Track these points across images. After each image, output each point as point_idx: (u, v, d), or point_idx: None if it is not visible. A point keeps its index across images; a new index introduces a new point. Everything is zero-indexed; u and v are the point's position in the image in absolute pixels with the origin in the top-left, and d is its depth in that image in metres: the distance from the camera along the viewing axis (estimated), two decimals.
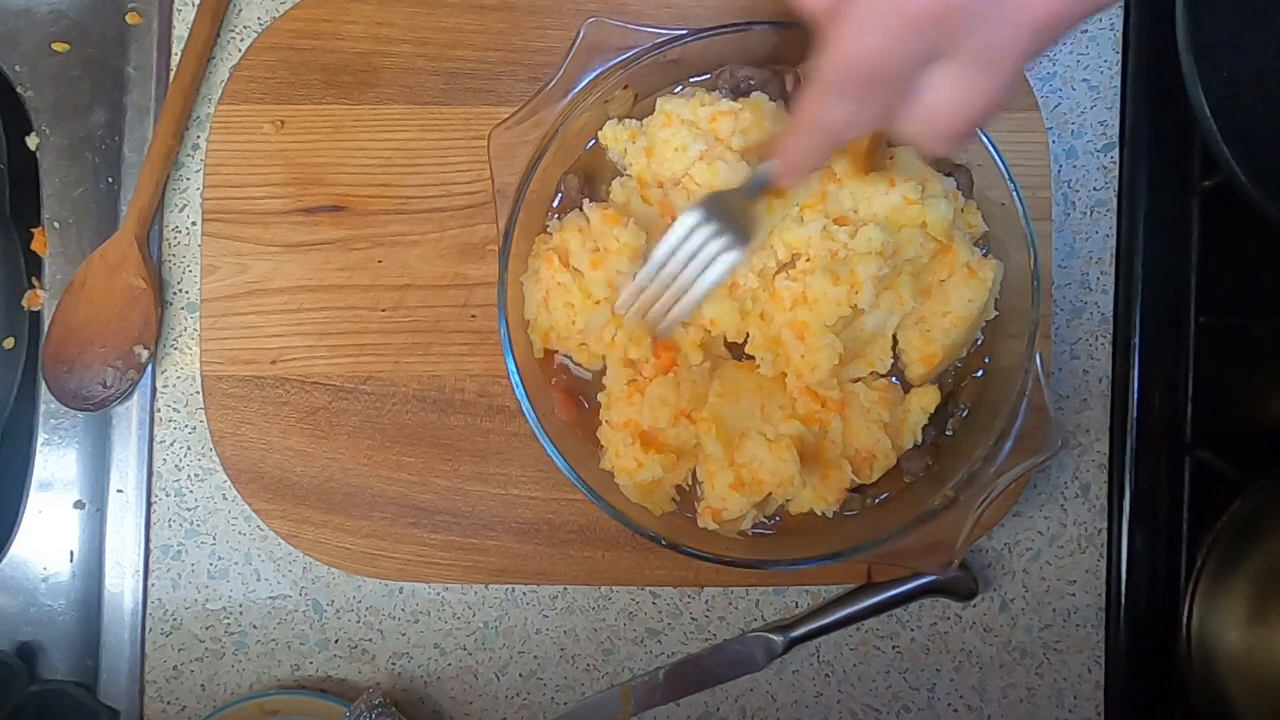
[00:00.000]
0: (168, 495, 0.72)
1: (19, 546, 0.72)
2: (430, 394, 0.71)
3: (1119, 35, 0.73)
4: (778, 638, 0.70)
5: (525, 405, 0.61)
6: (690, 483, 0.65)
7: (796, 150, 0.52)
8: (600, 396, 0.64)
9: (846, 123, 0.48)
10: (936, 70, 0.45)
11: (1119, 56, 0.73)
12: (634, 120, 0.66)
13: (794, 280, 0.61)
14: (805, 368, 0.61)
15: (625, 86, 0.65)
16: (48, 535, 0.72)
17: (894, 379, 0.65)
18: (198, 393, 0.71)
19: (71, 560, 0.72)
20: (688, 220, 0.58)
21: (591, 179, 0.67)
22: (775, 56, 0.66)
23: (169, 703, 0.72)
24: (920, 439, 0.64)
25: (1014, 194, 0.61)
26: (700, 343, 0.63)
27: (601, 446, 0.64)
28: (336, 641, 0.72)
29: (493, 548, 0.70)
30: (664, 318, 0.61)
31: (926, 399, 0.64)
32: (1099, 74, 0.73)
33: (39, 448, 0.73)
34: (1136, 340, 0.71)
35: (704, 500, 0.63)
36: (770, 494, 0.62)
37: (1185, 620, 0.66)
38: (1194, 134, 0.71)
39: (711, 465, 0.62)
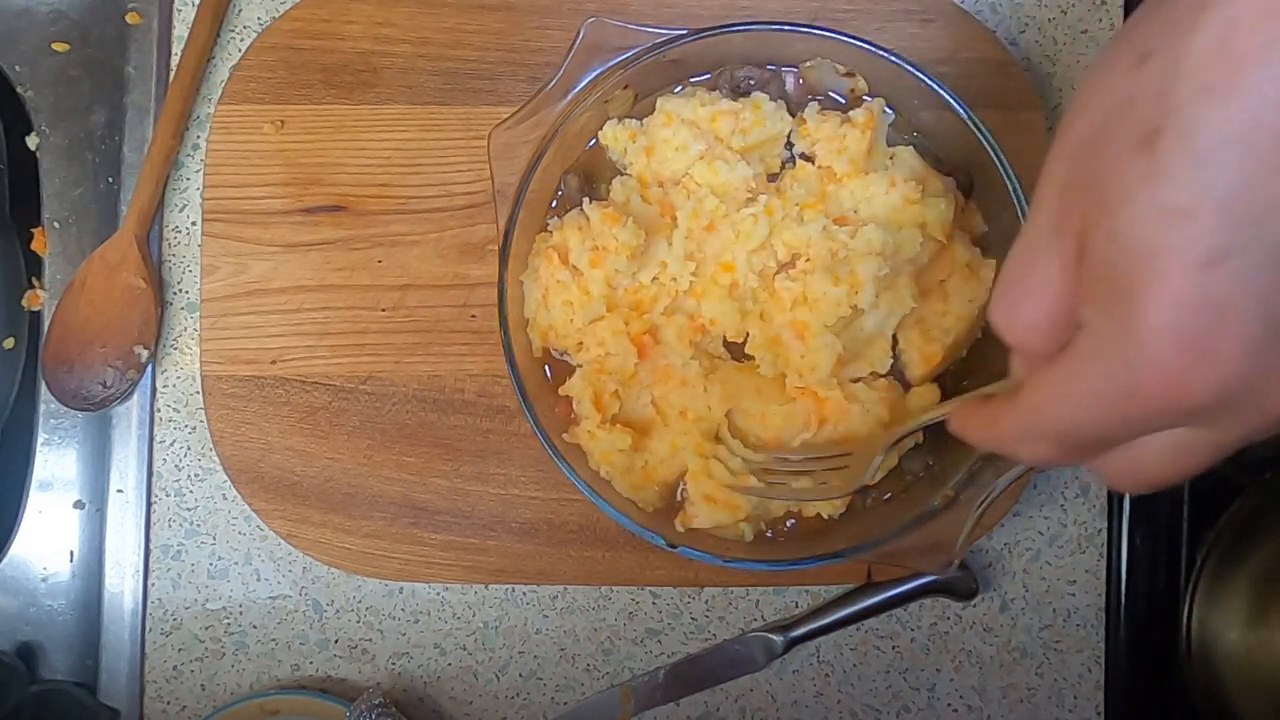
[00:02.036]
0: (168, 495, 0.72)
1: (19, 546, 0.72)
2: (430, 394, 0.71)
3: None
4: (778, 638, 0.70)
5: (525, 405, 0.61)
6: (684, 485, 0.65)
7: (971, 438, 0.46)
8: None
9: (1039, 461, 0.41)
10: (1157, 435, 0.38)
11: None
12: (634, 120, 0.66)
13: (794, 280, 0.61)
14: (805, 368, 0.61)
15: (625, 86, 0.65)
16: (48, 535, 0.72)
17: (893, 379, 0.65)
18: (198, 393, 0.71)
19: (71, 560, 0.72)
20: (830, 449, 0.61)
21: (591, 178, 0.66)
22: (775, 56, 0.66)
23: (169, 703, 0.72)
24: (920, 438, 0.64)
25: (1014, 194, 0.61)
26: (690, 339, 0.63)
27: (575, 418, 0.64)
28: (336, 641, 0.72)
29: (493, 548, 0.70)
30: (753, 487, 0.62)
31: (927, 397, 0.64)
32: None
33: (39, 448, 0.73)
34: None
35: (686, 501, 0.63)
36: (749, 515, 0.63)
37: (1185, 620, 0.66)
38: None
39: (693, 471, 0.63)
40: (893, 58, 0.62)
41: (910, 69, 0.62)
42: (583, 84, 0.63)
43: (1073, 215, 0.36)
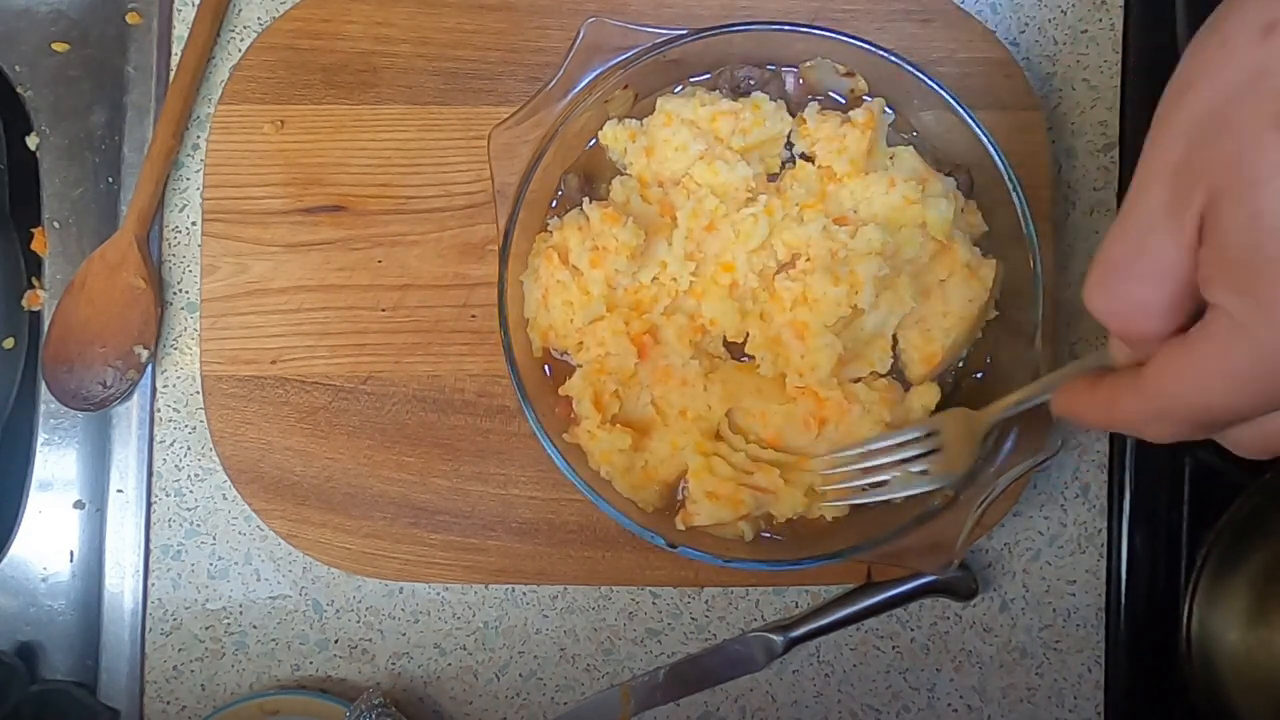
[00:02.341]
0: (168, 495, 0.72)
1: (19, 546, 0.72)
2: (430, 394, 0.71)
3: (1119, 35, 0.73)
4: (778, 638, 0.70)
5: (525, 405, 0.61)
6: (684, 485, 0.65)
7: (1084, 419, 0.46)
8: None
9: (1164, 439, 0.41)
10: None
11: (1119, 56, 0.73)
12: (634, 120, 0.66)
13: (794, 280, 0.61)
14: (805, 368, 0.61)
15: (625, 86, 0.65)
16: (48, 535, 0.72)
17: (893, 379, 0.65)
18: (198, 393, 0.71)
19: (71, 560, 0.72)
20: (912, 432, 0.60)
21: (591, 178, 0.67)
22: (775, 56, 0.66)
23: (169, 703, 0.72)
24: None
25: (1014, 194, 0.61)
26: (690, 339, 0.63)
27: (575, 418, 0.64)
28: (336, 641, 0.72)
29: (493, 548, 0.70)
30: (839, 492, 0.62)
31: (928, 396, 0.64)
32: (1099, 74, 0.73)
33: (39, 448, 0.72)
34: None
35: (687, 500, 0.63)
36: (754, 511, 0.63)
37: (1185, 620, 0.66)
38: None
39: (694, 469, 0.62)
40: (893, 58, 0.62)
41: (910, 69, 0.62)
42: (583, 84, 0.63)
43: (1193, 196, 0.35)
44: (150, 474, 0.72)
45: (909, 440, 0.60)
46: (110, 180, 0.73)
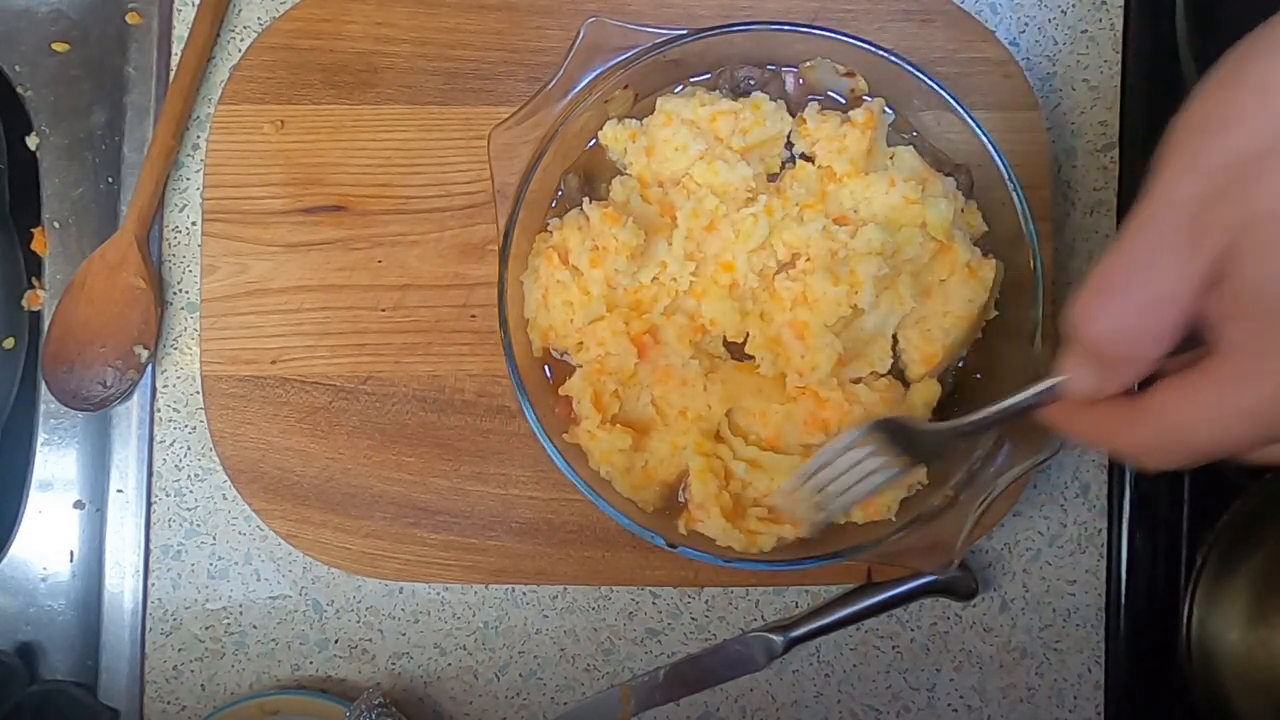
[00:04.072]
0: (168, 495, 0.72)
1: (19, 546, 0.72)
2: (430, 394, 0.71)
3: (1119, 35, 0.73)
4: (778, 638, 0.70)
5: (525, 405, 0.61)
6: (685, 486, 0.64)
7: (1079, 437, 0.46)
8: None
9: (1159, 466, 0.42)
10: None
11: (1119, 56, 0.73)
12: (634, 120, 0.66)
13: (794, 280, 0.61)
14: (805, 367, 0.61)
15: (625, 86, 0.65)
16: (48, 535, 0.72)
17: (893, 378, 0.65)
18: (198, 393, 0.71)
19: (71, 560, 0.72)
20: (858, 433, 0.56)
21: (591, 178, 0.66)
22: (775, 56, 0.66)
23: (169, 703, 0.72)
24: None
25: (1014, 194, 0.61)
26: (690, 339, 0.63)
27: (575, 418, 0.64)
28: (336, 641, 0.72)
29: (493, 548, 0.70)
30: (820, 510, 0.58)
31: (928, 393, 0.64)
32: (1099, 74, 0.73)
33: (39, 448, 0.73)
34: None
35: (690, 503, 0.63)
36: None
37: (1185, 620, 0.66)
38: None
39: (697, 473, 0.62)
40: (893, 58, 0.62)
41: (910, 69, 0.62)
42: (583, 84, 0.63)
43: (1213, 235, 0.35)
44: (150, 474, 0.72)
45: (848, 447, 0.57)
46: (110, 180, 0.73)
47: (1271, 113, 0.34)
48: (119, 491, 0.72)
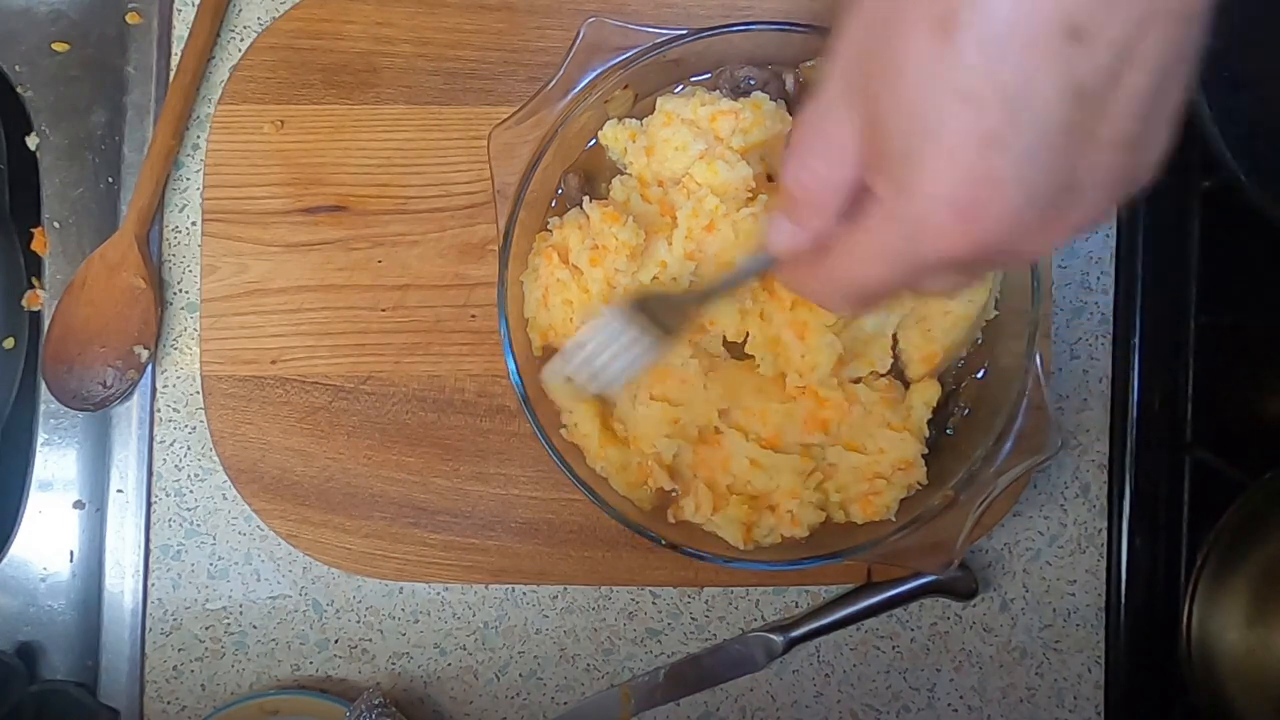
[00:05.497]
0: (168, 495, 0.72)
1: (19, 546, 0.72)
2: (430, 394, 0.71)
3: None
4: (778, 638, 0.70)
5: (525, 405, 0.61)
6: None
7: (793, 289, 0.50)
8: None
9: (842, 312, 0.47)
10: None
11: None
12: (634, 120, 0.66)
13: None
14: (805, 367, 0.61)
15: (625, 86, 0.65)
16: (48, 535, 0.72)
17: (893, 378, 0.65)
18: (198, 393, 0.71)
19: (71, 560, 0.72)
20: (613, 317, 0.55)
21: (591, 178, 0.66)
22: (775, 56, 0.66)
23: (169, 703, 0.72)
24: (926, 434, 0.64)
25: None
26: (689, 338, 0.63)
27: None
28: (336, 641, 0.72)
29: (493, 548, 0.70)
30: (586, 389, 0.58)
31: (928, 393, 0.64)
32: None
33: (39, 448, 0.73)
34: (1136, 340, 0.71)
35: (684, 495, 0.63)
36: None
37: (1185, 620, 0.66)
38: (1194, 134, 0.71)
39: (692, 468, 0.62)
40: None
41: None
42: (583, 84, 0.63)
43: (866, 85, 0.39)
44: (150, 474, 0.72)
45: (605, 328, 0.56)
46: (110, 180, 0.73)
47: None
48: (119, 491, 0.72)
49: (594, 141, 0.67)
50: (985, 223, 0.37)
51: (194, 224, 0.73)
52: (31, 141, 0.74)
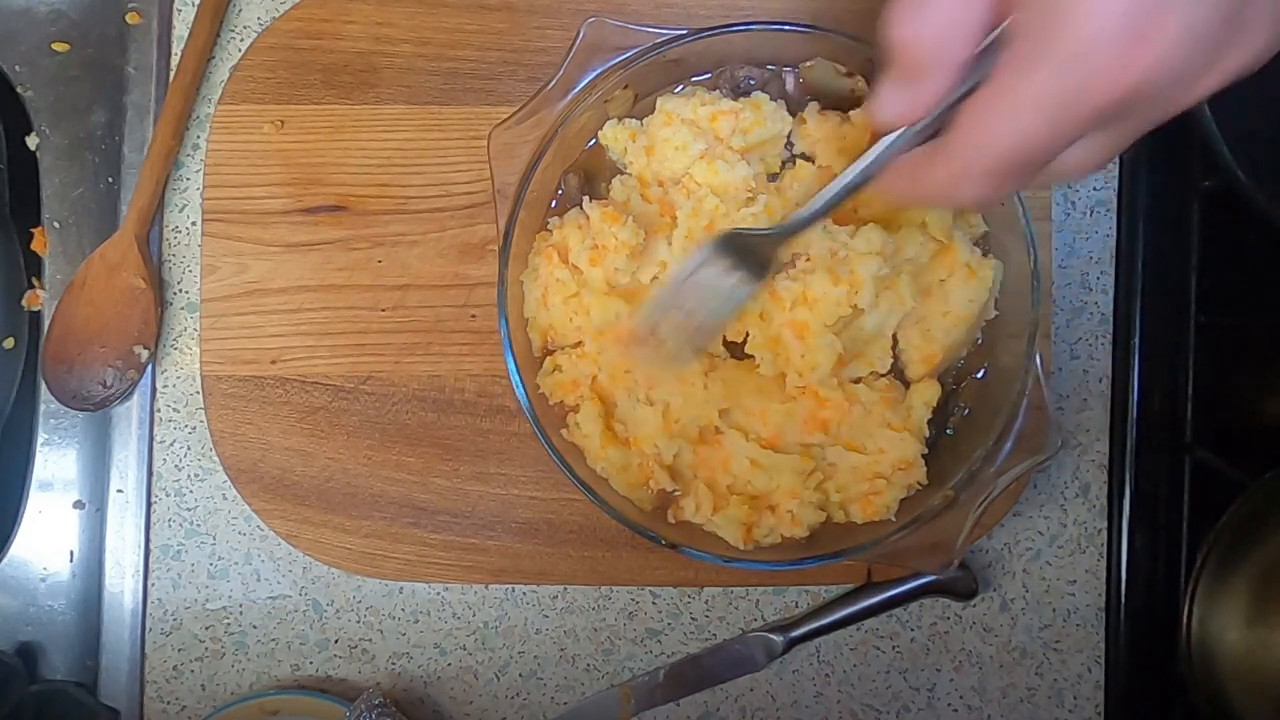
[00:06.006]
0: (168, 495, 0.72)
1: (19, 546, 0.72)
2: (430, 394, 0.71)
3: None
4: (778, 638, 0.70)
5: (525, 405, 0.61)
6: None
7: (904, 195, 0.46)
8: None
9: (974, 201, 0.42)
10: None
11: None
12: (634, 120, 0.66)
13: (794, 280, 0.61)
14: (805, 367, 0.61)
15: (625, 86, 0.65)
16: (48, 535, 0.72)
17: (893, 378, 0.65)
18: (198, 393, 0.71)
19: (71, 560, 0.72)
20: (702, 254, 0.56)
21: (591, 178, 0.67)
22: (775, 56, 0.66)
23: (169, 703, 0.72)
24: (926, 434, 0.64)
25: (1014, 194, 0.61)
26: None
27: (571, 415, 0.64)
28: (336, 641, 0.72)
29: (493, 548, 0.70)
30: (680, 347, 0.58)
31: (928, 393, 0.64)
32: None
33: (39, 448, 0.73)
34: (1136, 340, 0.71)
35: (684, 495, 0.63)
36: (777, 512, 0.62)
37: (1185, 620, 0.66)
38: (1194, 134, 0.71)
39: (691, 468, 0.62)
40: None
41: None
42: (583, 84, 0.63)
43: None
44: (150, 474, 0.72)
45: (700, 266, 0.56)
46: (110, 180, 0.73)
47: None
48: (119, 491, 0.72)
49: (594, 141, 0.67)
50: (1150, 58, 0.34)
51: (194, 224, 0.73)
52: (31, 141, 0.74)
